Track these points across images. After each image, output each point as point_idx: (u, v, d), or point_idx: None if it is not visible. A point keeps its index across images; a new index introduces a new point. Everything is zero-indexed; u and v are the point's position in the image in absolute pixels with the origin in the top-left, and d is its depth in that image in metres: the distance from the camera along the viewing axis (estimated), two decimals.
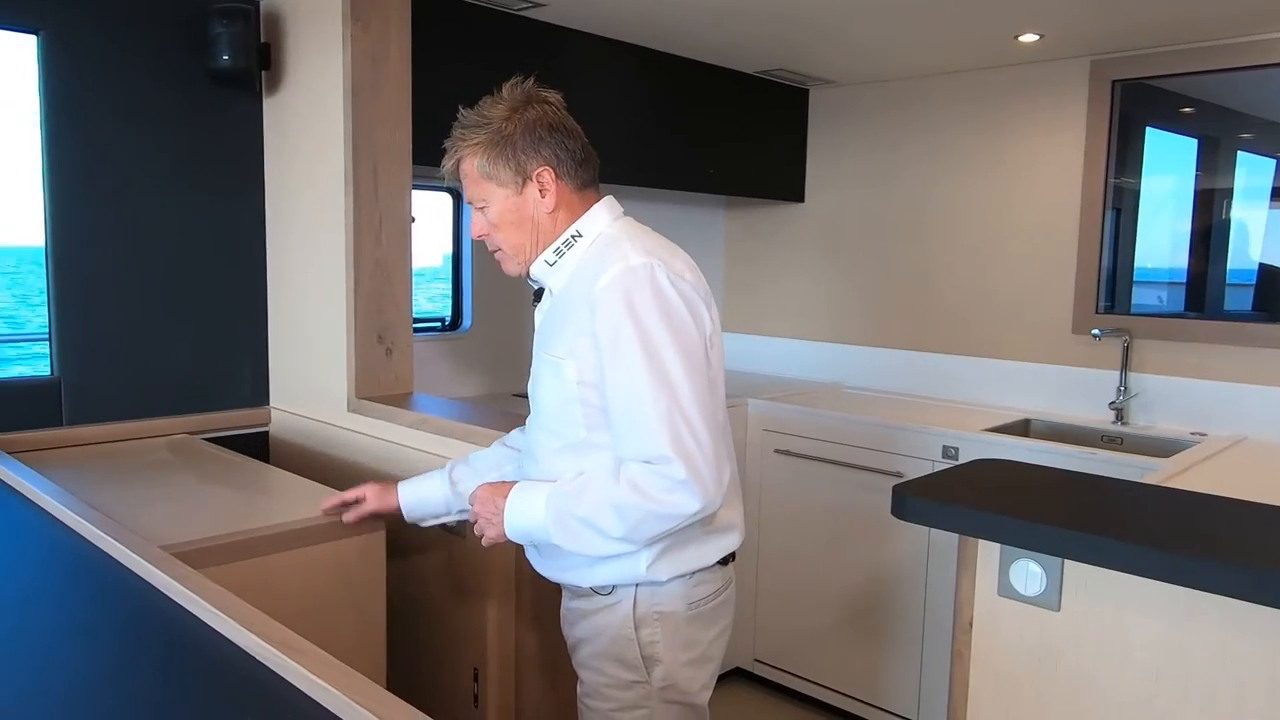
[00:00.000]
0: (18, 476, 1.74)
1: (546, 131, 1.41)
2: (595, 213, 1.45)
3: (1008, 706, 1.26)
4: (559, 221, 1.43)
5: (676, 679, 1.45)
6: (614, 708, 1.45)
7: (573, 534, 1.35)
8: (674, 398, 1.29)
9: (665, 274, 1.33)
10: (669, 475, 1.28)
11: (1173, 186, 2.88)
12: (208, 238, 2.35)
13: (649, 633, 1.43)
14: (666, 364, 1.30)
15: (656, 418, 1.28)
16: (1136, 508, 1.29)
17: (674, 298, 1.33)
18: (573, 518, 1.34)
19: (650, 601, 1.42)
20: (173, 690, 1.00)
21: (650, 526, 1.31)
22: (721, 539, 1.47)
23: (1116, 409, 2.83)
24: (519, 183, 1.41)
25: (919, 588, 2.69)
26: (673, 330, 1.31)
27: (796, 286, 3.64)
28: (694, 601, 1.45)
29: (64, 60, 2.09)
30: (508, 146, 1.39)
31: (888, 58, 3.03)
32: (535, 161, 1.40)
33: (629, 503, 1.30)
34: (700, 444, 1.29)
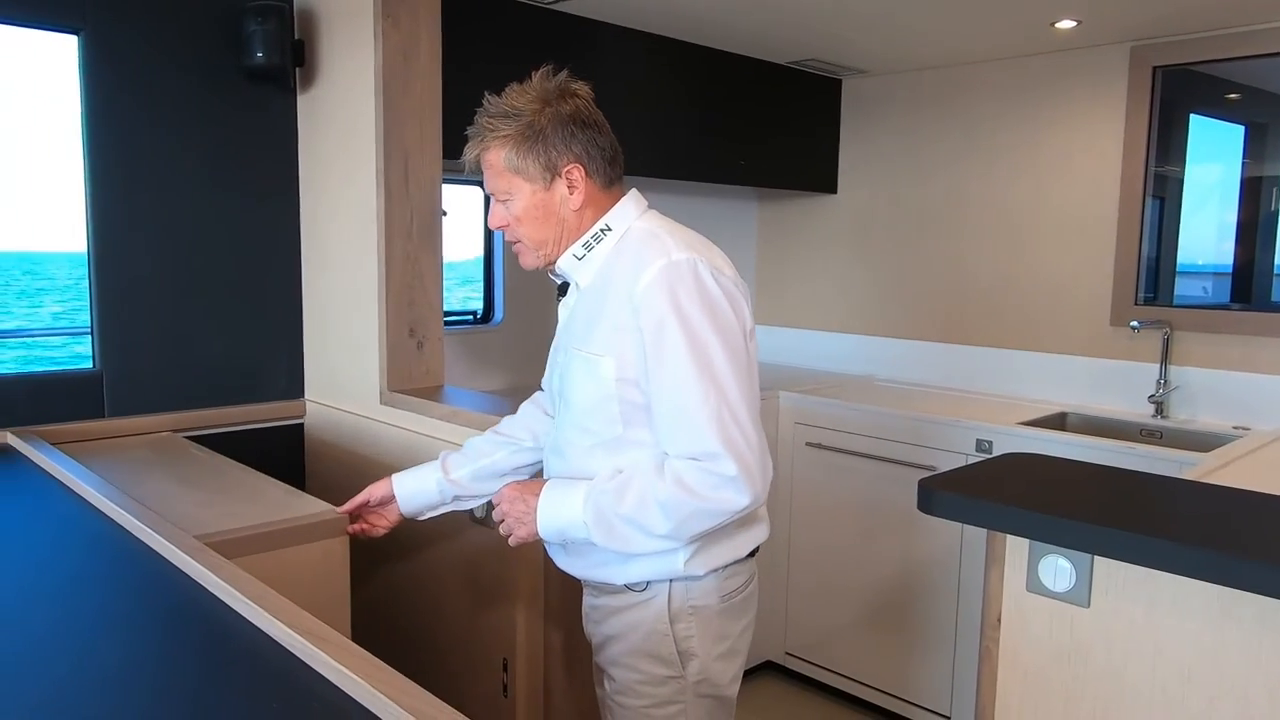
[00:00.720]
0: (60, 466, 1.78)
1: (579, 128, 1.38)
2: (623, 206, 1.43)
3: (1037, 703, 1.25)
4: (585, 219, 1.41)
5: (710, 673, 1.44)
6: (648, 704, 1.44)
7: (614, 532, 1.33)
8: (721, 394, 1.28)
9: (708, 269, 1.32)
10: (718, 472, 1.27)
11: (1218, 175, 2.81)
12: (244, 233, 2.39)
13: (684, 627, 1.42)
14: (713, 360, 1.29)
15: (706, 414, 1.27)
16: (1171, 503, 1.26)
17: (717, 293, 1.32)
18: (615, 516, 1.33)
19: (685, 596, 1.41)
20: (205, 678, 1.02)
21: (696, 524, 1.31)
22: (752, 531, 1.47)
23: (1156, 402, 2.77)
24: (548, 178, 1.38)
25: (952, 582, 2.66)
26: (717, 326, 1.30)
27: (829, 278, 3.61)
28: (726, 594, 1.45)
29: (103, 60, 2.13)
30: (539, 141, 1.36)
31: (921, 46, 2.99)
32: (566, 158, 1.37)
33: (676, 500, 1.29)
34: (748, 439, 1.29)
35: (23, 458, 1.91)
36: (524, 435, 1.66)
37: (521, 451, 1.66)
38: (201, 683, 1.01)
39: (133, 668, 1.04)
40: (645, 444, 1.37)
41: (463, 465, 1.65)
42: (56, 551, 1.41)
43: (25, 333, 6.01)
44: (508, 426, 1.68)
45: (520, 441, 1.66)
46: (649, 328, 1.30)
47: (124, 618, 1.18)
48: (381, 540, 2.29)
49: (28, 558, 1.37)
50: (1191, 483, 1.35)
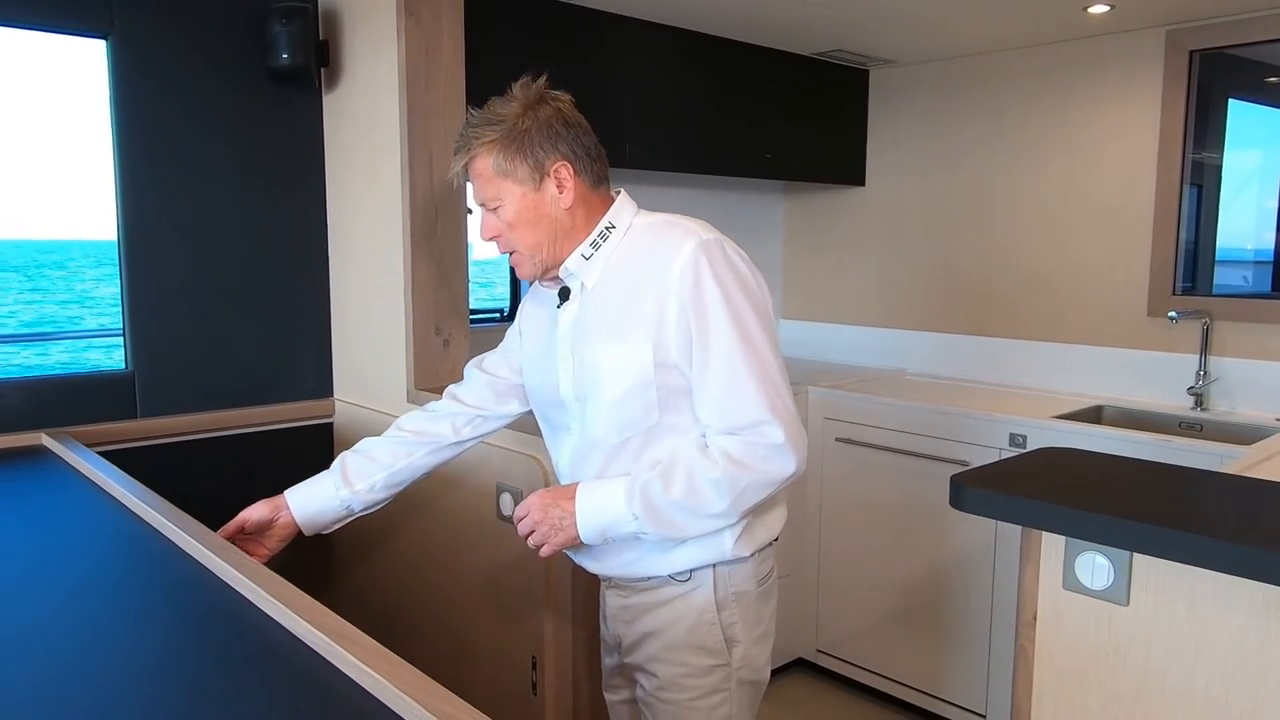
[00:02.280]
0: (92, 467, 1.80)
1: (563, 127, 1.38)
2: (621, 205, 1.45)
3: (1074, 703, 1.22)
4: (577, 218, 1.41)
5: (750, 657, 1.46)
6: (693, 697, 1.44)
7: (666, 520, 1.33)
8: (764, 363, 1.33)
9: (732, 248, 1.39)
10: (766, 441, 1.30)
11: (1259, 161, 2.74)
12: (272, 233, 2.40)
13: (729, 614, 1.44)
14: (752, 332, 1.33)
15: (755, 384, 1.31)
16: (1213, 498, 1.23)
17: (745, 269, 1.38)
18: (666, 503, 1.32)
19: (728, 583, 1.43)
20: (226, 675, 1.02)
21: (751, 495, 1.32)
22: (779, 513, 1.51)
23: (1195, 394, 2.71)
24: (536, 179, 1.37)
25: (985, 578, 2.62)
26: (750, 300, 1.35)
27: (858, 272, 3.58)
28: (761, 578, 1.48)
29: (132, 63, 2.15)
30: (525, 142, 1.36)
31: (950, 35, 2.95)
32: (553, 157, 1.37)
33: (729, 476, 1.30)
34: (789, 407, 1.33)
35: (56, 458, 1.93)
36: (445, 431, 1.61)
37: (442, 449, 1.61)
38: (229, 682, 1.01)
39: (162, 667, 1.05)
40: (681, 429, 1.38)
41: (370, 474, 1.59)
42: (88, 551, 1.43)
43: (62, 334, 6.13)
44: (420, 423, 1.62)
45: (440, 438, 1.61)
46: (691, 305, 1.32)
47: (153, 617, 1.19)
48: (407, 539, 2.30)
49: (60, 558, 1.39)
50: (1234, 477, 1.31)
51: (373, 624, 1.42)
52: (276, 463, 2.44)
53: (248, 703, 0.96)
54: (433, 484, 2.18)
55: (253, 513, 1.58)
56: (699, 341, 1.33)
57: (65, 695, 0.97)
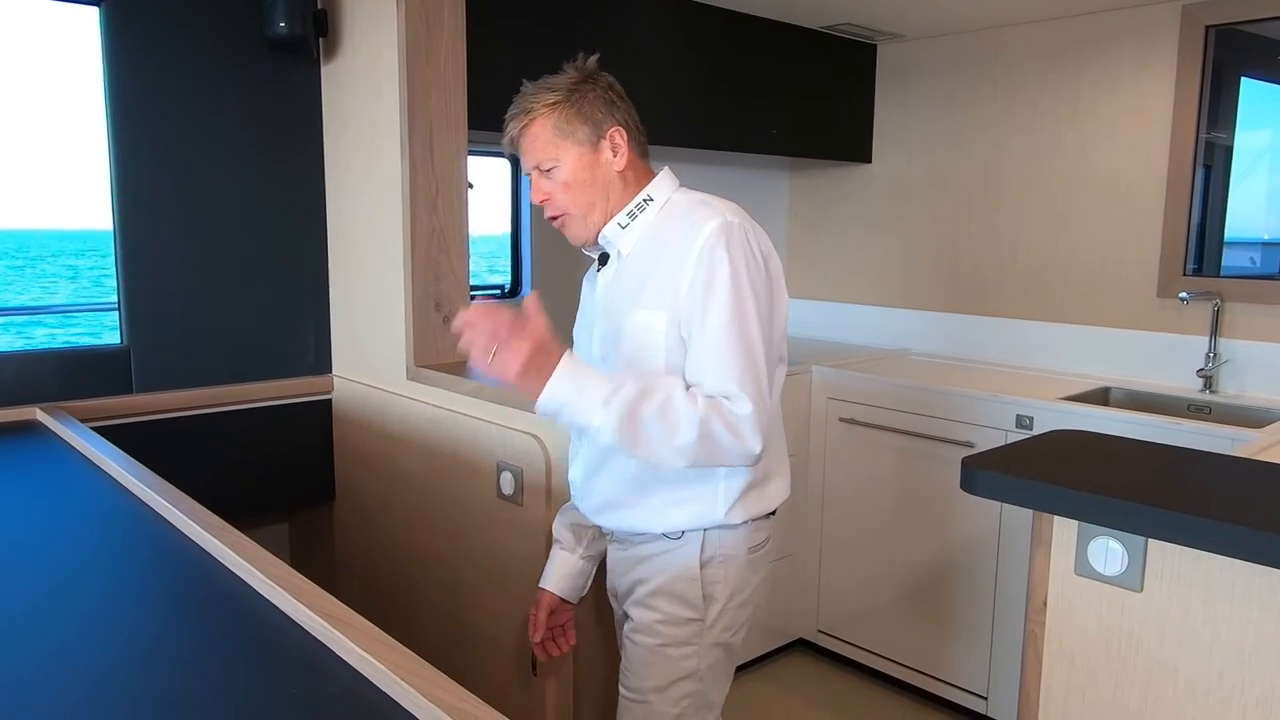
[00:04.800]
0: (86, 443, 1.78)
1: (617, 97, 1.50)
2: (662, 180, 1.53)
3: (1084, 690, 1.20)
4: (628, 183, 1.50)
5: (727, 619, 1.52)
6: (662, 643, 1.52)
7: (632, 426, 1.31)
8: (748, 344, 1.37)
9: (755, 239, 1.43)
10: (736, 410, 1.35)
11: (1270, 140, 2.69)
12: (269, 207, 2.37)
13: (712, 573, 1.50)
14: (749, 313, 1.38)
15: (735, 358, 1.36)
16: (1229, 482, 1.20)
17: (760, 262, 1.42)
18: (638, 410, 1.31)
19: (717, 544, 1.50)
20: (222, 657, 1.00)
21: (714, 447, 1.34)
22: (779, 487, 1.56)
23: (1205, 376, 2.68)
24: (594, 140, 1.46)
25: (990, 561, 2.61)
26: (756, 285, 1.40)
27: (863, 250, 3.54)
28: (754, 546, 1.54)
29: (125, 30, 2.11)
30: (585, 105, 1.46)
31: (959, 8, 2.89)
32: (609, 122, 1.47)
33: (704, 415, 1.32)
34: (761, 392, 1.37)
35: (50, 433, 1.91)
36: None
37: None
38: (225, 664, 0.99)
39: (158, 648, 1.02)
40: None
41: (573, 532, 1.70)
42: (82, 529, 1.40)
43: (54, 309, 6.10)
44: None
45: None
46: (702, 274, 1.38)
47: (148, 597, 1.17)
48: (406, 519, 2.28)
49: (54, 535, 1.37)
50: (1249, 461, 1.28)
51: (371, 605, 1.40)
52: (274, 439, 2.41)
53: (243, 686, 0.94)
54: (432, 463, 2.16)
55: (541, 608, 1.70)
56: (700, 311, 1.39)
57: (60, 676, 0.95)
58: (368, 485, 2.40)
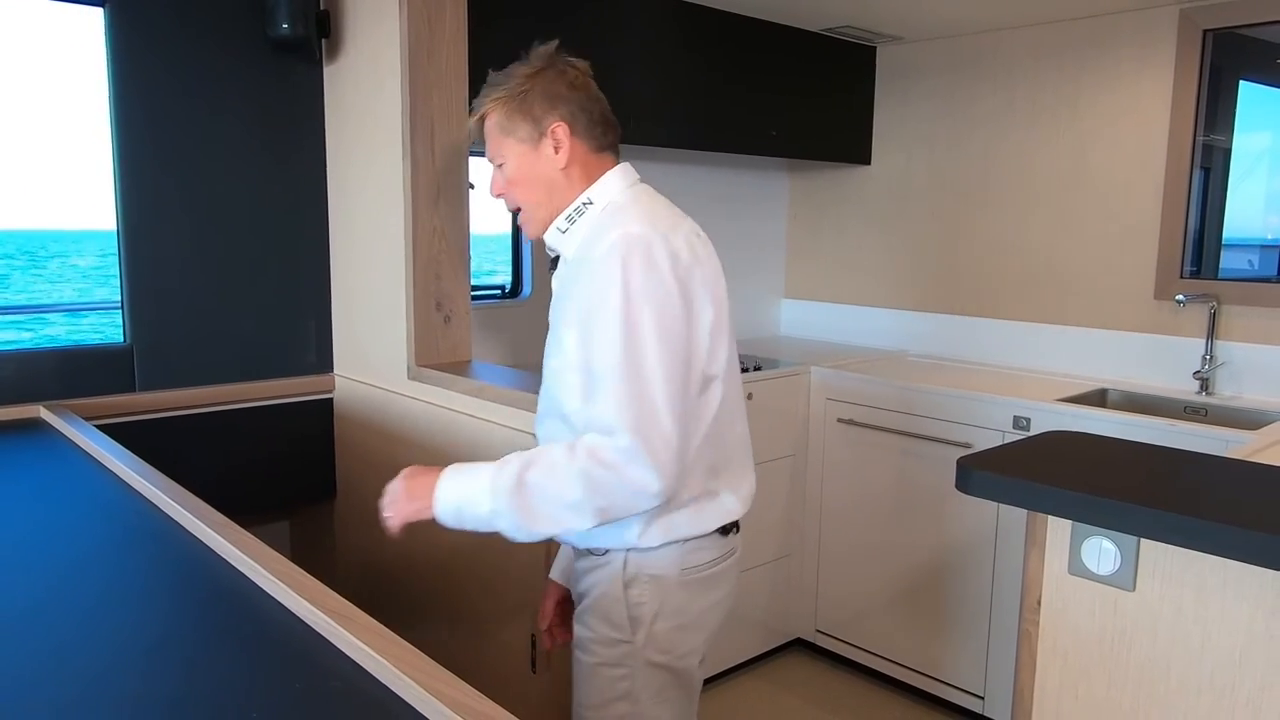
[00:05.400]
0: (90, 440, 1.79)
1: (566, 88, 1.40)
2: (608, 179, 1.43)
3: (1077, 688, 1.21)
4: (573, 179, 1.42)
5: (662, 643, 1.43)
6: (597, 662, 1.45)
7: (523, 500, 1.29)
8: (637, 372, 1.26)
9: (664, 250, 1.30)
10: (618, 446, 1.25)
11: (1268, 143, 2.71)
12: (272, 206, 2.38)
13: (637, 594, 1.41)
14: (641, 338, 1.26)
15: (617, 390, 1.26)
16: (1221, 483, 1.21)
17: (666, 275, 1.29)
18: (524, 482, 1.29)
19: (640, 564, 1.41)
20: (225, 653, 1.01)
21: (609, 496, 1.27)
22: (719, 508, 1.44)
23: (1201, 378, 2.69)
24: (535, 138, 1.40)
25: (986, 560, 2.62)
26: (656, 309, 1.27)
27: (862, 251, 3.55)
28: (687, 568, 1.43)
29: (130, 31, 2.12)
30: (525, 101, 1.39)
31: (959, 11, 2.90)
32: (551, 117, 1.39)
33: (586, 469, 1.26)
34: (654, 423, 1.25)
35: (54, 431, 1.92)
36: None
37: None
38: (228, 660, 1.00)
39: (161, 644, 1.04)
40: None
41: None
42: (85, 526, 1.42)
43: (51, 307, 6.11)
44: None
45: None
46: (594, 295, 1.29)
47: (151, 594, 1.18)
48: None
49: (57, 532, 1.38)
50: (1243, 462, 1.30)
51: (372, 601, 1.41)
52: (276, 438, 2.43)
53: (246, 681, 0.95)
54: (432, 461, 2.16)
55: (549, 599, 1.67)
56: (588, 331, 1.30)
57: (64, 672, 0.96)
58: (368, 483, 2.42)
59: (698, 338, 1.33)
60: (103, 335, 13.78)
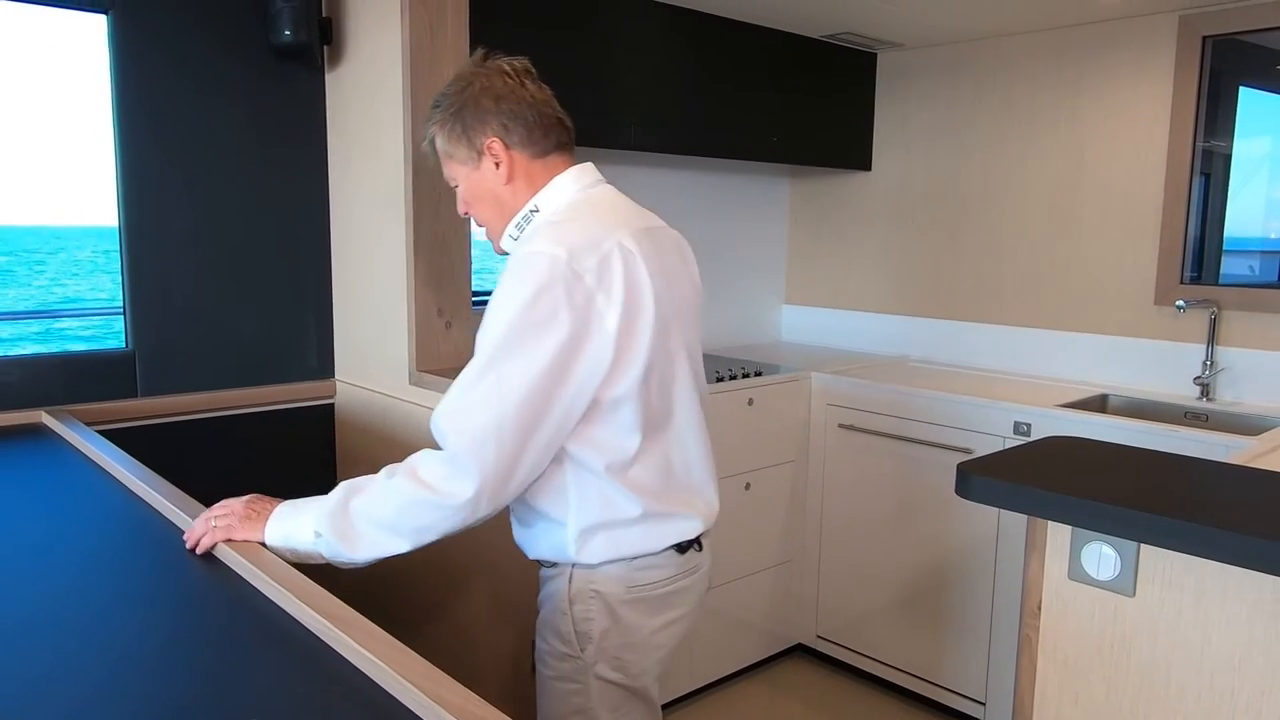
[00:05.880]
0: (92, 445, 1.79)
1: (491, 102, 1.37)
2: (556, 184, 1.40)
3: (1077, 694, 1.22)
4: (519, 190, 1.40)
5: (611, 661, 1.40)
6: (553, 676, 1.44)
7: (345, 524, 1.28)
8: (494, 387, 1.23)
9: (564, 266, 1.24)
10: (445, 457, 1.24)
11: (1268, 149, 2.71)
12: (274, 211, 2.39)
13: (583, 610, 1.39)
14: (509, 358, 1.23)
15: (466, 396, 1.24)
16: (1221, 489, 1.22)
17: (555, 294, 1.23)
18: (349, 506, 1.28)
19: (586, 579, 1.38)
20: (227, 659, 1.01)
21: (419, 515, 1.25)
22: (671, 526, 1.40)
23: (1202, 384, 2.70)
24: (474, 157, 1.40)
25: (988, 567, 2.62)
26: (532, 328, 1.23)
27: (862, 257, 3.56)
28: (636, 586, 1.39)
29: (133, 38, 2.13)
30: (458, 122, 1.39)
31: (959, 18, 2.91)
32: (483, 134, 1.38)
33: (400, 486, 1.25)
34: (499, 443, 1.23)
35: (56, 437, 1.93)
36: None
37: None
38: (230, 665, 1.00)
39: (164, 650, 1.04)
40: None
41: None
42: (88, 531, 1.42)
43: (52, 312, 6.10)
44: None
45: None
46: (492, 306, 1.27)
47: (154, 600, 1.18)
48: None
49: (60, 537, 1.38)
50: (1242, 468, 1.30)
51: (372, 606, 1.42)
52: (277, 443, 2.43)
53: (248, 687, 0.95)
54: None
55: None
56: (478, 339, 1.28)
57: (66, 678, 0.96)
58: None
59: (590, 361, 1.26)
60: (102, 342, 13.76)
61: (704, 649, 2.81)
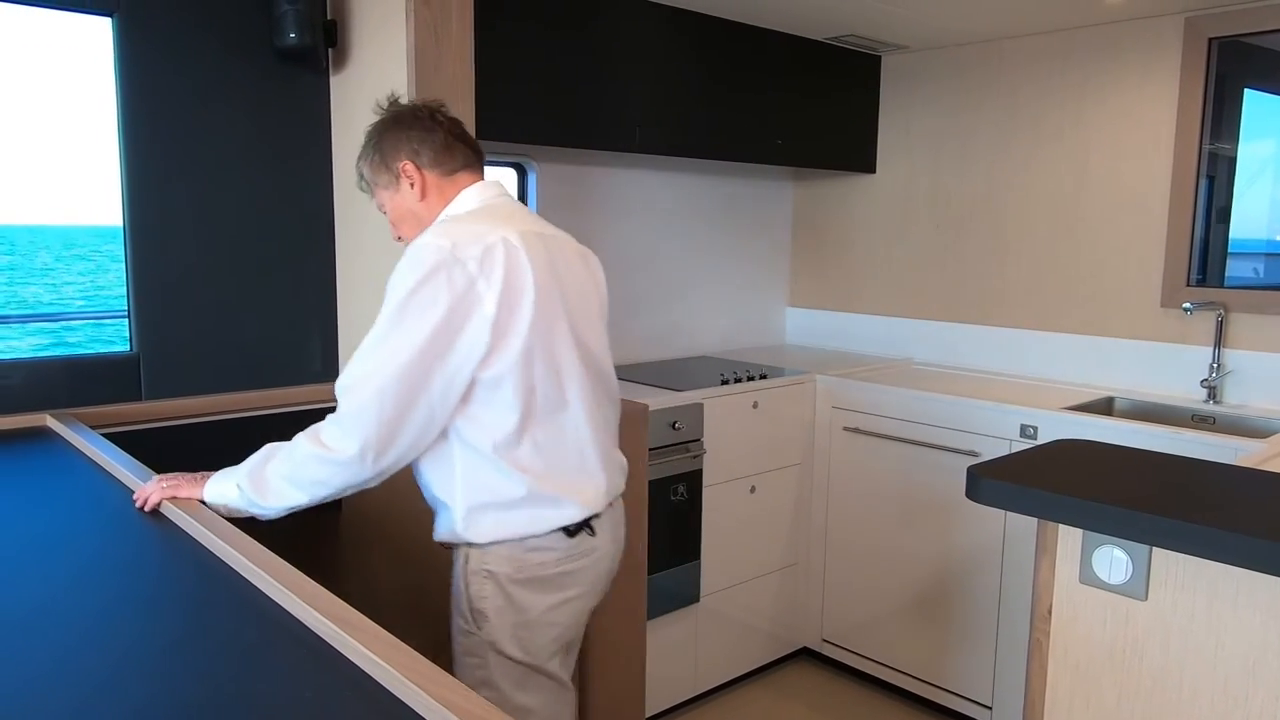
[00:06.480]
0: (96, 449, 1.79)
1: (403, 129, 1.57)
2: (462, 196, 1.57)
3: (1088, 698, 1.21)
4: (432, 204, 1.57)
5: (508, 639, 1.51)
6: (460, 651, 1.55)
7: (260, 479, 1.45)
8: (382, 358, 1.37)
9: (447, 254, 1.40)
10: (336, 416, 1.40)
11: (1273, 151, 2.70)
12: (278, 215, 2.38)
13: (477, 589, 1.50)
14: (404, 328, 1.38)
15: (362, 357, 1.40)
16: (1233, 491, 1.21)
17: (437, 280, 1.39)
18: (265, 464, 1.45)
19: (480, 560, 1.50)
20: (232, 661, 1.01)
21: (312, 469, 1.40)
22: (555, 509, 1.50)
23: (1209, 387, 2.69)
24: (394, 181, 1.58)
25: (994, 569, 2.61)
26: (416, 308, 1.38)
27: (867, 259, 3.55)
28: (525, 567, 1.50)
29: (138, 40, 2.13)
30: (376, 153, 1.59)
31: (964, 20, 2.91)
32: (397, 159, 1.57)
33: (298, 445, 1.42)
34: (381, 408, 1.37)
35: (60, 440, 1.92)
36: None
37: None
38: (235, 668, 0.99)
39: (167, 653, 1.03)
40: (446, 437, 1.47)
41: None
42: (91, 534, 1.41)
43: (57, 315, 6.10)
44: None
45: None
46: (388, 290, 1.43)
47: (157, 602, 1.18)
48: (410, 525, 2.29)
49: (63, 540, 1.38)
50: (1253, 471, 1.29)
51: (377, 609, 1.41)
52: None
53: (254, 689, 0.95)
54: None
55: None
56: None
57: (70, 679, 0.96)
58: (374, 491, 2.41)
59: (468, 340, 1.40)
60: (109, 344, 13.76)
61: (708, 653, 2.80)
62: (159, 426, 2.22)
